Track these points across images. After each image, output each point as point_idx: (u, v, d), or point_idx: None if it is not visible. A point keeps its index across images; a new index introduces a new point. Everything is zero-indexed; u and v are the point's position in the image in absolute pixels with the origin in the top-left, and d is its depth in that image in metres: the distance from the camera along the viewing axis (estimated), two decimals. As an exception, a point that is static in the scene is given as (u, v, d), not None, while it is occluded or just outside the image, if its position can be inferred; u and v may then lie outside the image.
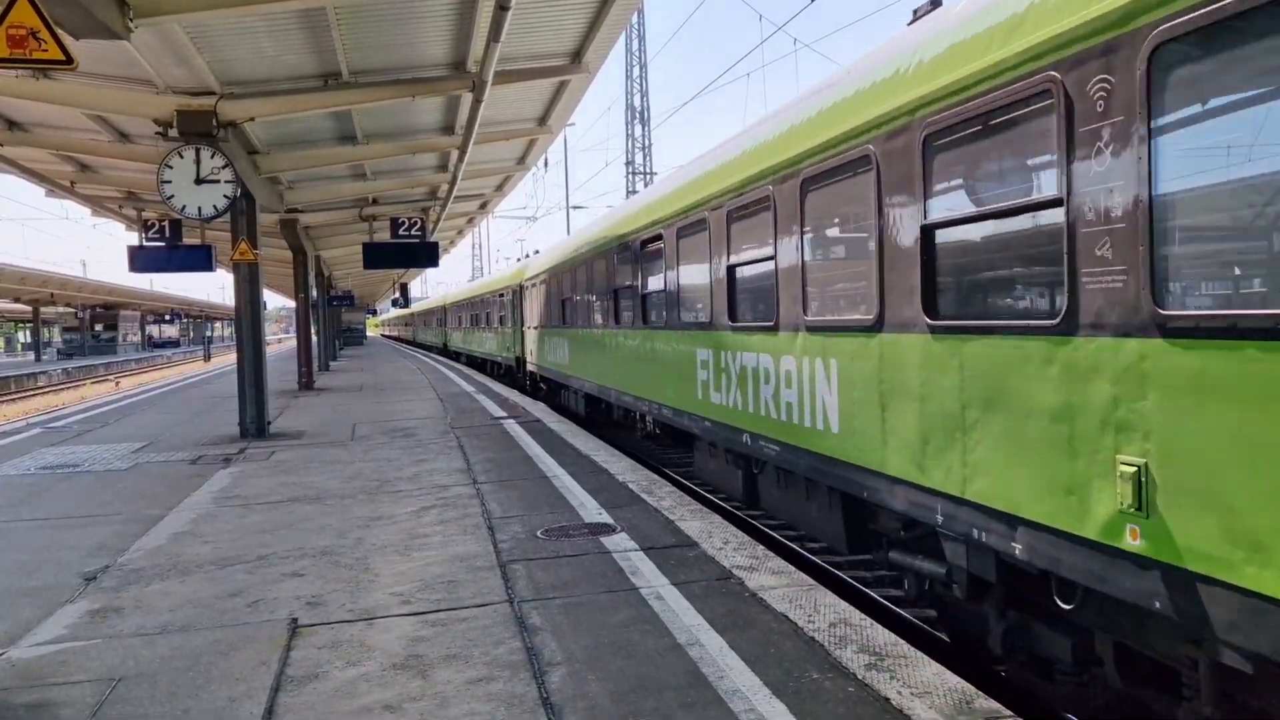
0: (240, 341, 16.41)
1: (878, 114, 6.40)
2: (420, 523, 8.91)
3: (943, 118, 5.64)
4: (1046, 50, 4.71)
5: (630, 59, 58.36)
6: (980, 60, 5.26)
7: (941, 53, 5.75)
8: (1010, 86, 5.01)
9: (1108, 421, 4.39)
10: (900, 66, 6.24)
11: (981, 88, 5.25)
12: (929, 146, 5.84)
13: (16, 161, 18.97)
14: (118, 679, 5.17)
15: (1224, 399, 3.82)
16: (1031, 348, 4.89)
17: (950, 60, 5.61)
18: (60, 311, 79.78)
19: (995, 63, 5.12)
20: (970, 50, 5.40)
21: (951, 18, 5.88)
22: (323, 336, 38.22)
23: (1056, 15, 4.67)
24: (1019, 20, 4.99)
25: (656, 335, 12.25)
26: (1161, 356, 4.10)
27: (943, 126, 5.65)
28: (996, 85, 5.13)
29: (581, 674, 5.02)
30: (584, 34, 14.49)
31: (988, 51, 5.22)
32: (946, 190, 5.95)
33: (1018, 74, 4.95)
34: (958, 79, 5.45)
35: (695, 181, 10.59)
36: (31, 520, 9.63)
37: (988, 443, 5.29)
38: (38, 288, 60.55)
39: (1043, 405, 4.82)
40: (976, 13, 5.51)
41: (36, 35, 7.05)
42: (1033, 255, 5.18)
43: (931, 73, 5.79)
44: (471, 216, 37.25)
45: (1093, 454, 4.50)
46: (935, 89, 5.69)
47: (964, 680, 4.86)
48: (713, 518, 8.70)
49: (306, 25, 12.76)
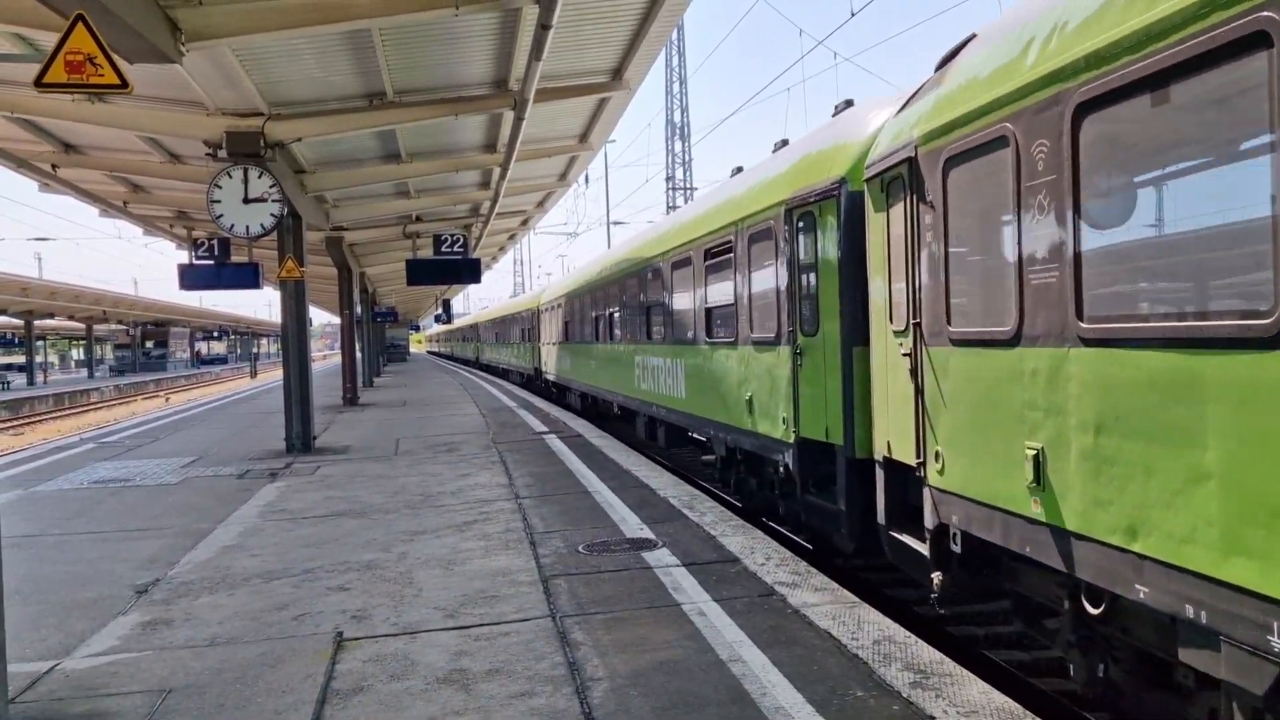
0: (286, 357, 16.66)
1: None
2: (463, 537, 8.97)
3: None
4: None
5: (670, 75, 58.65)
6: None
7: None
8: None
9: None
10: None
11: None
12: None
13: (73, 183, 19.49)
14: (168, 690, 5.26)
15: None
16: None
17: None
18: (112, 329, 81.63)
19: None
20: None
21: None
22: (367, 352, 38.67)
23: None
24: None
25: (616, 348, 18.88)
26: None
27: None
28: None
29: (624, 689, 5.01)
30: (625, 51, 14.58)
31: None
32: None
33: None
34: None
35: (605, 264, 18.63)
36: (85, 533, 9.84)
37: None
38: (91, 305, 61.94)
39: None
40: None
41: (93, 60, 7.23)
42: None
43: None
44: (513, 233, 37.57)
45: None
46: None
47: (1011, 700, 4.78)
48: (754, 533, 8.66)
49: (352, 46, 12.99)
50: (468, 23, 12.53)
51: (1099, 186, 4.63)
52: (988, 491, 5.58)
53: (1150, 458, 4.18)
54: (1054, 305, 4.86)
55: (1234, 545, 3.72)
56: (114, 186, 20.97)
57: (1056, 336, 4.85)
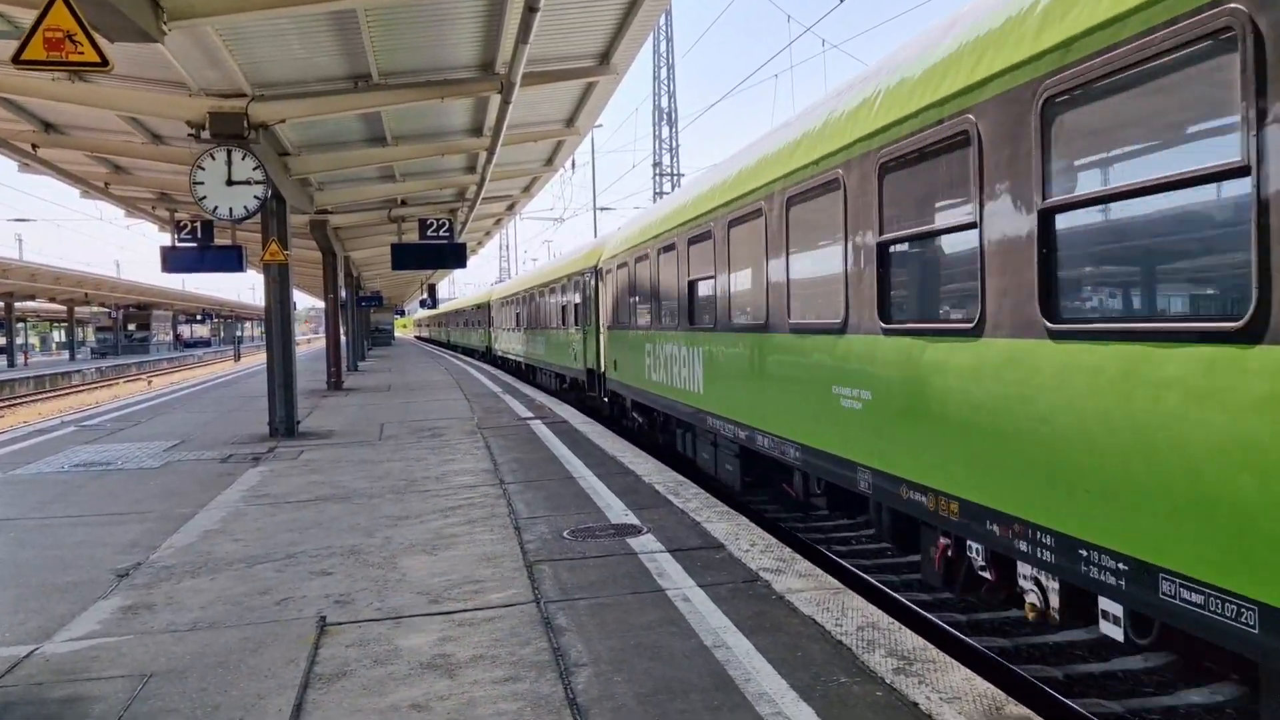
0: (270, 341, 16.56)
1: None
2: (447, 522, 8.94)
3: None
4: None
5: (658, 60, 58.38)
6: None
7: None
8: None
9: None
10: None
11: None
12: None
13: (53, 163, 19.25)
14: (149, 675, 5.22)
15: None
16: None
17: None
18: (94, 311, 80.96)
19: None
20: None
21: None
22: (351, 337, 38.49)
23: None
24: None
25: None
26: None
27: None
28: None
29: (608, 675, 5.01)
30: (612, 35, 14.49)
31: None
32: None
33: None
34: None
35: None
36: (65, 517, 9.76)
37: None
38: (72, 288, 61.42)
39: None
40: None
41: (73, 38, 7.14)
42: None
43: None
44: (499, 217, 37.39)
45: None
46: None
47: (994, 685, 4.80)
48: (739, 519, 8.67)
49: (337, 27, 12.86)
50: (454, 5, 12.42)
51: (632, 292, 15.89)
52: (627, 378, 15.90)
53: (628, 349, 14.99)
54: (644, 314, 14.75)
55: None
56: (95, 167, 20.73)
57: (646, 328, 14.60)
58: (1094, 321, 4.68)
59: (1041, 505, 4.94)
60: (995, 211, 5.41)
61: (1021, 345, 5.14)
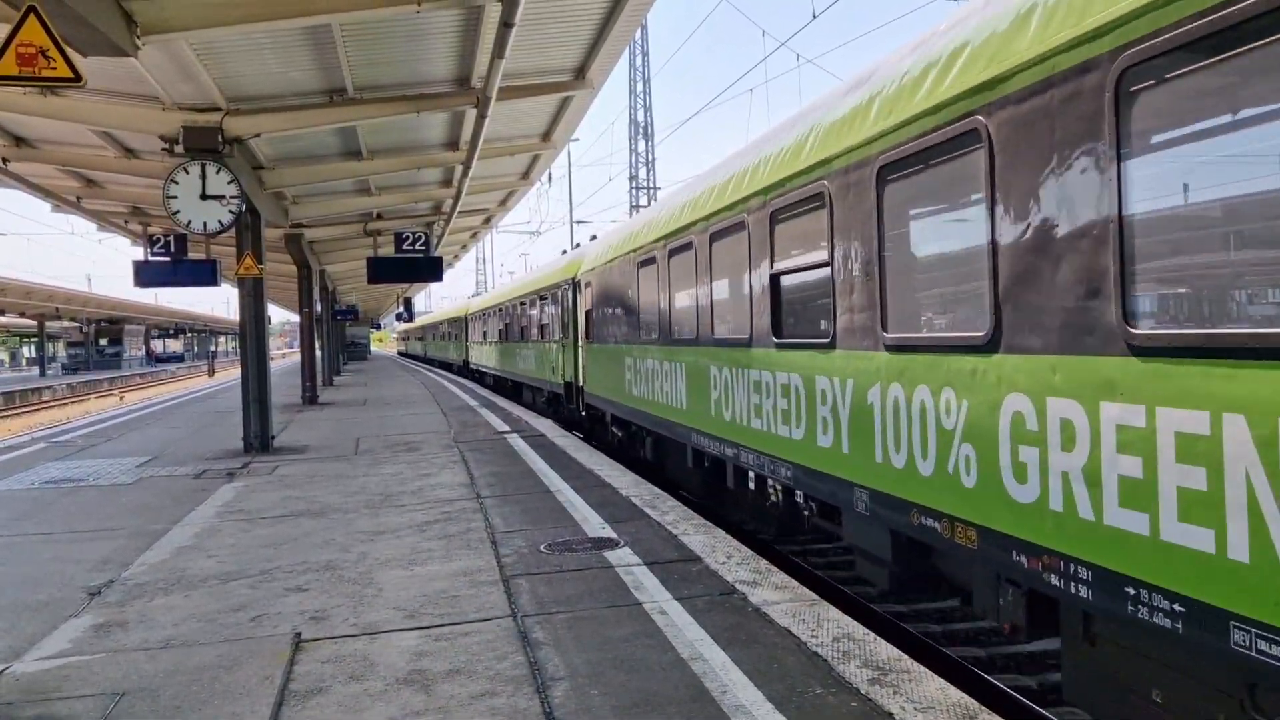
0: (244, 356, 16.46)
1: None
2: (423, 537, 8.91)
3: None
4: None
5: (634, 74, 58.61)
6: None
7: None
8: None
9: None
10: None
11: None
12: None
13: (24, 177, 19.08)
14: (121, 693, 5.17)
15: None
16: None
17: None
18: (65, 326, 79.98)
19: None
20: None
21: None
22: (327, 351, 38.27)
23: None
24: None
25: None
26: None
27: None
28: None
29: (585, 689, 5.01)
30: (588, 50, 14.58)
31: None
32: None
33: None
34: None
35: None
36: (36, 534, 9.65)
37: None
38: (43, 302, 60.70)
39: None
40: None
41: (45, 53, 7.10)
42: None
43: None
44: (475, 231, 37.38)
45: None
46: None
47: (967, 695, 4.85)
48: (716, 532, 8.70)
49: (312, 42, 12.86)
50: (430, 19, 12.45)
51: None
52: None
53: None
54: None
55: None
56: (67, 181, 20.57)
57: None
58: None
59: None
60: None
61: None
